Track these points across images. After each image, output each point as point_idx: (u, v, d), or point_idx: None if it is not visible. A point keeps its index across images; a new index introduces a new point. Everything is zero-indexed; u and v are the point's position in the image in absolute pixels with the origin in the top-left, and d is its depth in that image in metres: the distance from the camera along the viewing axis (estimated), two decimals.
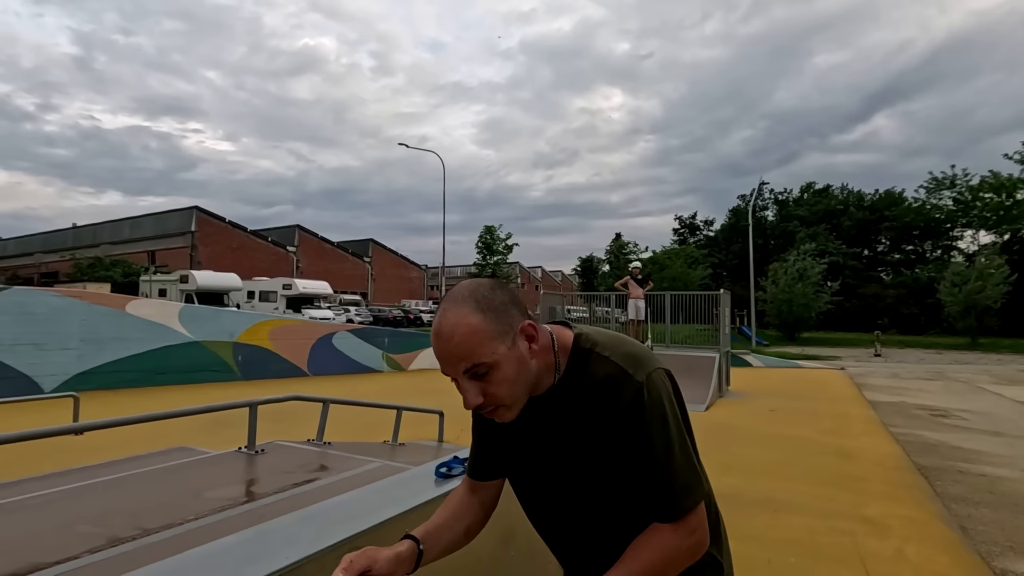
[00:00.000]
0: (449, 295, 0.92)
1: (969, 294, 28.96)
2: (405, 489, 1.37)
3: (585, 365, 0.96)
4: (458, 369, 0.88)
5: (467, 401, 0.90)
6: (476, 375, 0.89)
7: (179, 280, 26.28)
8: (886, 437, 7.14)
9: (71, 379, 9.41)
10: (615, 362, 0.94)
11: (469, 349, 0.87)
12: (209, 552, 1.02)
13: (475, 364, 0.87)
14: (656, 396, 0.92)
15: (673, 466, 0.92)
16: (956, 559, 3.47)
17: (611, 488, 0.97)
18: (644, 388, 0.91)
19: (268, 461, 2.72)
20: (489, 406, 0.92)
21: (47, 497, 2.12)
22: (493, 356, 0.88)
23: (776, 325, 33.89)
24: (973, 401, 10.36)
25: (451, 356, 0.88)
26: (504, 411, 0.93)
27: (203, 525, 1.77)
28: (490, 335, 0.88)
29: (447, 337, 0.87)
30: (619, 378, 0.92)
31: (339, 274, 45.64)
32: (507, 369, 0.89)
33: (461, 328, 0.87)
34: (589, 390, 0.94)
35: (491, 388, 0.90)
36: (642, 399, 0.91)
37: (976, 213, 38.42)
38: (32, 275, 42.34)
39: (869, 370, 16.88)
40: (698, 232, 54.61)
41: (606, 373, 0.94)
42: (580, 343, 0.98)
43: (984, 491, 4.86)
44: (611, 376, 0.93)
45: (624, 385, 0.92)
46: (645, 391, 0.91)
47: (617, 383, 0.92)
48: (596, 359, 0.96)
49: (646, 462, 0.92)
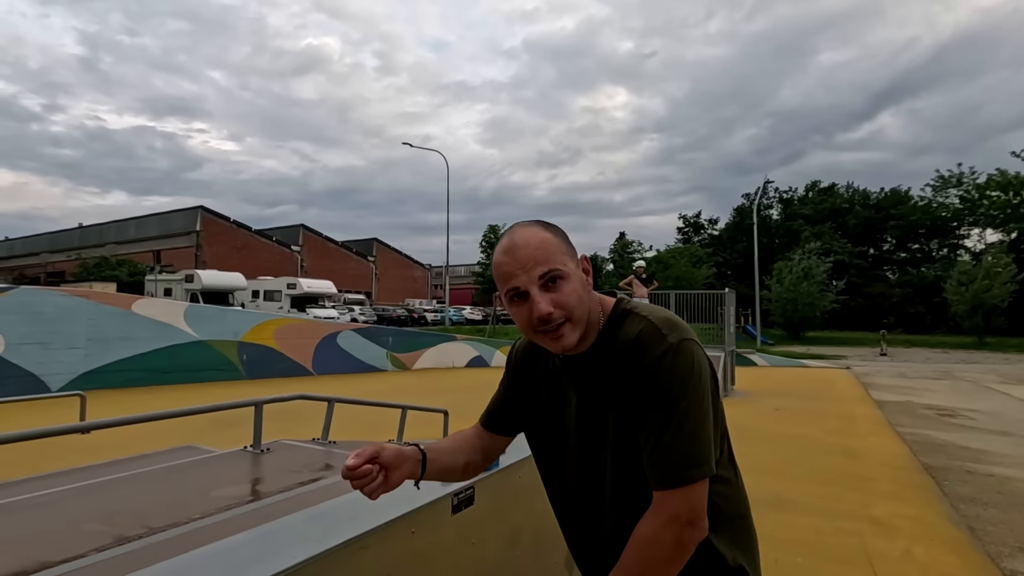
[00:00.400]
0: (516, 223, 0.98)
1: (976, 293, 28.80)
2: (412, 488, 1.37)
3: (621, 324, 0.97)
4: (533, 275, 0.91)
5: (539, 309, 0.91)
6: (550, 282, 0.91)
7: (184, 280, 26.38)
8: (893, 437, 7.10)
9: (78, 378, 9.47)
10: (651, 320, 0.94)
11: (546, 255, 0.92)
12: (216, 551, 1.01)
13: (552, 269, 0.91)
14: (684, 362, 0.90)
15: (679, 433, 0.88)
16: (965, 560, 3.44)
17: (633, 456, 0.93)
18: (673, 350, 0.90)
19: (274, 460, 2.72)
20: (558, 318, 0.92)
21: (54, 496, 2.13)
22: (566, 267, 0.93)
23: (781, 324, 33.76)
24: (980, 401, 10.29)
25: (529, 260, 0.91)
26: (569, 328, 0.93)
27: (209, 524, 1.77)
28: (562, 250, 0.94)
29: (524, 244, 0.92)
30: (650, 336, 0.92)
31: (343, 273, 45.75)
32: (575, 283, 0.93)
33: (537, 238, 0.93)
34: (620, 347, 0.94)
35: (563, 298, 0.91)
36: (668, 360, 0.89)
37: (983, 211, 38.15)
38: (38, 275, 42.63)
39: (875, 369, 16.80)
40: (702, 231, 54.42)
41: (640, 330, 0.93)
42: (620, 305, 1.01)
43: (992, 491, 4.83)
44: (642, 333, 0.93)
45: (654, 343, 0.91)
46: (673, 353, 0.90)
47: (647, 340, 0.92)
48: (632, 318, 0.97)
49: (653, 423, 0.90)
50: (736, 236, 48.44)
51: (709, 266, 40.81)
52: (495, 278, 0.98)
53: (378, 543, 1.14)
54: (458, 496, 1.40)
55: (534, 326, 0.93)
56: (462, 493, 1.41)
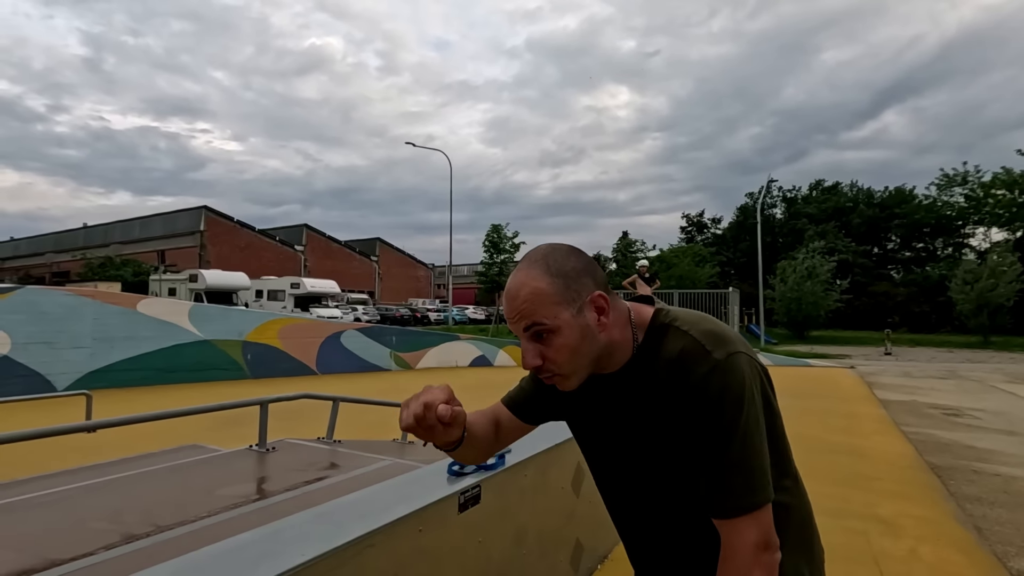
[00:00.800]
0: (526, 256, 0.92)
1: (981, 292, 28.65)
2: (418, 487, 1.37)
3: (661, 340, 0.92)
4: (519, 327, 0.89)
5: (525, 361, 0.89)
6: (537, 336, 0.88)
7: (188, 279, 26.48)
8: (898, 436, 7.07)
9: (83, 377, 9.51)
10: (693, 336, 0.88)
11: (531, 309, 0.87)
12: (224, 550, 1.01)
13: (534, 323, 0.87)
14: (734, 380, 0.85)
15: (737, 459, 0.84)
16: (971, 559, 3.43)
17: (678, 474, 0.91)
18: (720, 368, 0.85)
19: (279, 459, 2.72)
20: (547, 371, 0.90)
21: (62, 494, 2.14)
22: (555, 320, 0.87)
23: (785, 323, 33.67)
24: (986, 400, 10.24)
25: (515, 313, 0.88)
26: (561, 379, 0.91)
27: (216, 522, 1.77)
28: (555, 300, 0.87)
29: (513, 296, 0.89)
30: (694, 354, 0.87)
31: (346, 273, 45.84)
32: (568, 336, 0.87)
33: (527, 288, 0.87)
34: (662, 366, 0.89)
35: (550, 352, 0.88)
36: (715, 379, 0.84)
37: (988, 210, 37.95)
38: (44, 275, 42.84)
39: (880, 369, 16.74)
40: (706, 230, 54.29)
41: (682, 348, 0.88)
42: (658, 318, 0.94)
43: (999, 491, 4.80)
44: (686, 352, 0.87)
45: (698, 362, 0.86)
46: (721, 371, 0.85)
47: (691, 359, 0.86)
48: (673, 333, 0.91)
49: (706, 449, 0.85)
50: (739, 235, 48.31)
51: (712, 265, 40.72)
52: None
53: (385, 541, 1.14)
54: (464, 495, 1.40)
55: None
56: (468, 492, 1.41)
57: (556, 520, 1.98)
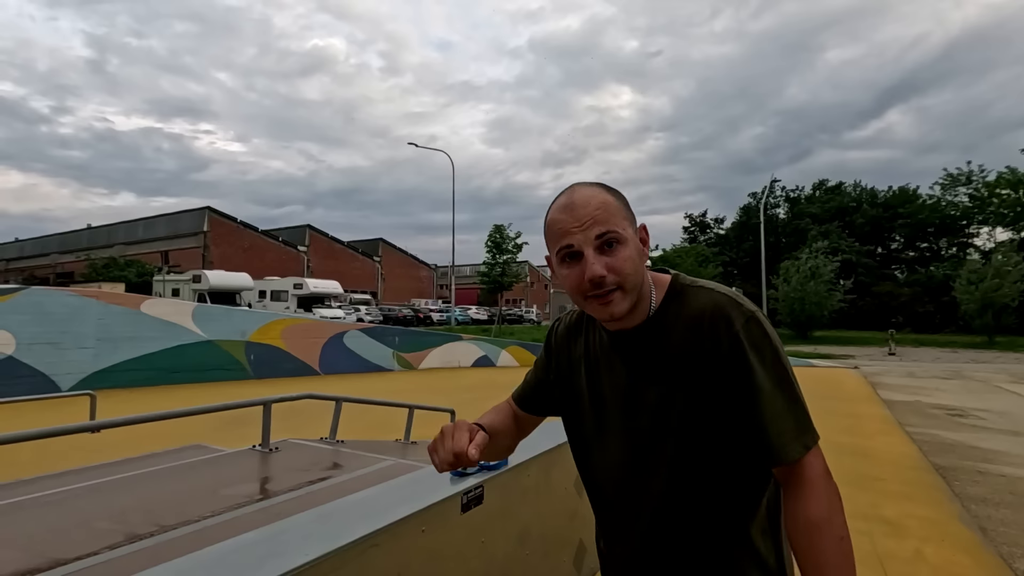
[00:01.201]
0: (578, 182, 0.93)
1: (986, 292, 28.53)
2: (421, 487, 1.37)
3: (684, 298, 0.92)
4: (590, 234, 0.87)
5: (593, 270, 0.86)
6: (606, 245, 0.87)
7: (192, 280, 26.54)
8: (902, 436, 7.04)
9: (88, 377, 9.54)
10: (721, 292, 0.90)
11: (607, 216, 0.87)
12: (227, 549, 1.02)
13: (610, 231, 0.87)
14: (771, 329, 0.88)
15: (792, 399, 0.86)
16: (976, 560, 3.41)
17: (708, 434, 0.89)
18: (756, 318, 0.87)
19: (282, 459, 2.73)
20: (611, 283, 0.87)
21: (66, 494, 2.15)
22: (625, 232, 0.88)
23: (788, 324, 33.57)
24: (991, 400, 10.20)
25: (587, 219, 0.87)
26: (621, 295, 0.88)
27: (219, 522, 1.78)
28: (623, 215, 0.90)
29: (583, 203, 0.88)
30: (729, 307, 0.88)
31: (349, 273, 45.89)
32: (632, 250, 0.88)
33: (599, 198, 0.89)
34: (692, 320, 0.89)
35: (617, 263, 0.87)
36: (754, 328, 0.86)
37: (993, 210, 37.82)
38: (48, 275, 43.02)
39: (884, 369, 16.68)
40: (709, 230, 54.23)
41: (713, 301, 0.89)
42: (679, 279, 0.96)
43: (1004, 492, 4.78)
44: (719, 304, 0.88)
45: (735, 311, 0.87)
46: (757, 321, 0.86)
47: (727, 310, 0.87)
48: (698, 291, 0.92)
49: (757, 393, 0.84)
50: (742, 235, 48.23)
51: (715, 265, 40.70)
52: (547, 237, 0.93)
53: (388, 541, 1.14)
54: (467, 495, 1.40)
55: (584, 290, 0.88)
56: (471, 492, 1.41)
57: (559, 520, 1.97)
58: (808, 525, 0.82)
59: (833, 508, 0.83)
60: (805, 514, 0.83)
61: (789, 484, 0.86)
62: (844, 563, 0.81)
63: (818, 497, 0.83)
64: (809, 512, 0.82)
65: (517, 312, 43.08)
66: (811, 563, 0.82)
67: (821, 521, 0.82)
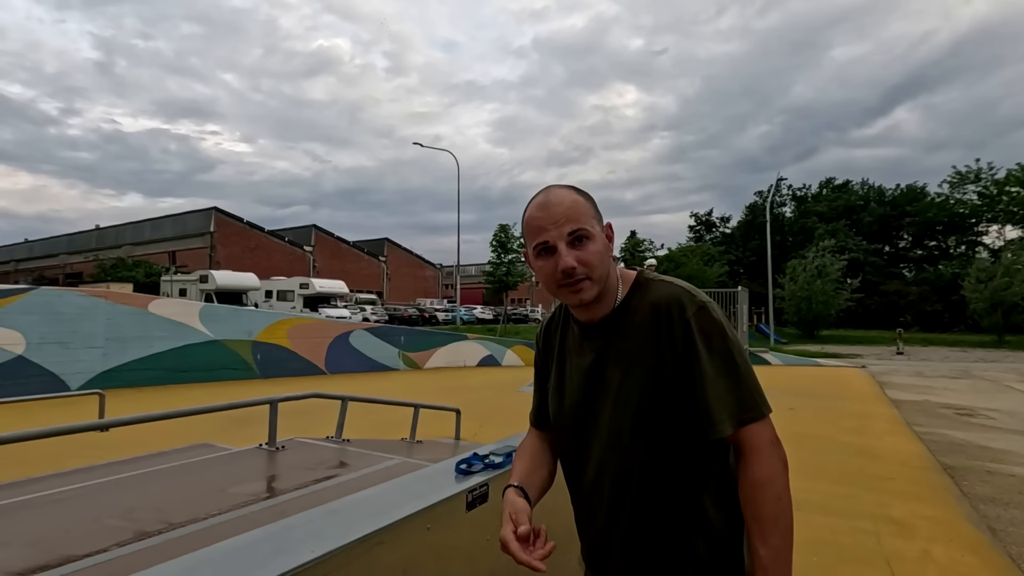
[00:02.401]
0: (550, 185, 1.06)
1: (995, 291, 28.27)
2: (427, 485, 1.38)
3: (646, 290, 1.04)
4: (563, 231, 0.99)
5: (564, 262, 0.98)
6: (577, 240, 0.99)
7: (199, 280, 26.70)
8: (910, 436, 7.00)
9: (96, 377, 9.62)
10: (679, 285, 1.02)
11: (577, 215, 1.00)
12: (236, 546, 1.03)
13: (580, 228, 0.99)
14: (720, 317, 0.98)
15: (743, 374, 0.96)
16: (985, 561, 3.39)
17: (662, 411, 0.98)
18: (706, 308, 0.98)
19: (289, 457, 2.74)
20: (580, 273, 0.99)
21: (76, 492, 2.17)
22: (593, 229, 1.01)
23: (795, 323, 33.40)
24: (1000, 400, 10.11)
25: (561, 217, 0.99)
26: (589, 284, 1.00)
27: (227, 520, 1.79)
28: (591, 214, 1.02)
29: (557, 203, 1.01)
30: (683, 297, 0.99)
31: (355, 273, 46.04)
32: (599, 244, 1.01)
33: (570, 199, 1.02)
34: (648, 308, 1.00)
35: (586, 256, 0.99)
36: (704, 315, 0.97)
37: (1002, 208, 37.46)
38: (57, 276, 43.38)
39: (891, 368, 16.57)
40: (714, 229, 54.01)
41: (670, 292, 1.01)
42: (643, 274, 1.08)
43: (1014, 492, 4.74)
44: (675, 294, 1.00)
45: (687, 302, 0.98)
46: (707, 311, 0.97)
47: (681, 300, 0.98)
48: (658, 284, 1.04)
49: (710, 368, 0.94)
50: (749, 234, 48.01)
51: (721, 264, 40.44)
52: (524, 233, 1.06)
53: (394, 539, 1.14)
54: (472, 493, 1.40)
55: (557, 280, 1.00)
56: (476, 491, 1.42)
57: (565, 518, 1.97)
58: (751, 484, 0.94)
59: (775, 471, 0.94)
60: (750, 475, 0.94)
61: (740, 452, 0.97)
62: (779, 519, 0.92)
63: (762, 462, 0.94)
64: (753, 473, 0.94)
65: (522, 311, 43.05)
66: (751, 516, 0.94)
67: (763, 481, 0.93)
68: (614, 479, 1.03)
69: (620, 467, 1.02)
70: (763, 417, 0.96)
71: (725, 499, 1.00)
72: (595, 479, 1.07)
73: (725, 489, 1.01)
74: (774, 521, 0.92)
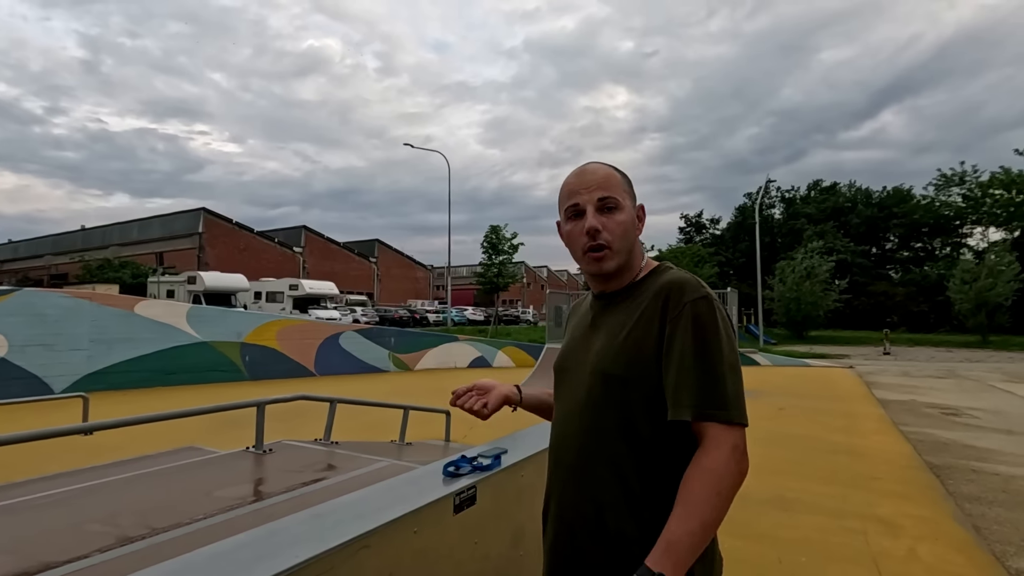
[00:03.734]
0: (588, 162, 1.13)
1: (980, 291, 28.70)
2: (414, 488, 1.36)
3: (660, 274, 1.09)
4: (594, 196, 1.06)
5: (590, 224, 1.05)
6: (605, 208, 1.06)
7: (187, 281, 26.44)
8: (897, 436, 7.07)
9: (81, 379, 9.49)
10: (689, 275, 1.05)
11: (610, 184, 1.07)
12: (219, 551, 1.01)
13: (610, 195, 1.06)
14: (721, 313, 0.99)
15: (730, 372, 0.96)
16: (970, 559, 3.43)
17: (632, 385, 1.00)
18: (709, 299, 0.99)
19: (276, 460, 2.72)
20: (603, 240, 1.05)
21: (57, 496, 2.13)
22: (623, 201, 1.07)
23: (784, 323, 33.69)
24: (985, 399, 10.25)
25: (594, 183, 1.07)
26: (610, 254, 1.06)
27: (212, 524, 1.77)
28: (624, 188, 1.09)
29: (594, 171, 1.09)
30: (690, 284, 1.01)
31: (345, 274, 45.81)
32: (626, 216, 1.07)
33: (604, 171, 1.09)
34: (659, 287, 1.04)
35: (611, 224, 1.05)
36: (707, 304, 0.98)
37: (986, 210, 38.05)
38: (42, 277, 42.78)
39: (879, 368, 16.75)
40: (704, 231, 54.32)
41: (679, 276, 1.04)
42: (665, 264, 1.13)
43: (998, 490, 4.81)
44: (683, 279, 1.03)
45: (692, 290, 1.00)
46: (710, 302, 0.99)
47: (687, 287, 1.01)
48: (672, 271, 1.08)
49: (701, 355, 0.95)
50: (738, 235, 48.33)
51: (711, 266, 40.70)
52: (559, 198, 1.12)
53: (380, 542, 1.13)
54: (460, 496, 1.39)
55: (583, 245, 1.07)
56: (464, 493, 1.41)
57: None
58: (698, 469, 0.92)
59: (727, 471, 0.91)
60: (700, 462, 0.92)
61: (700, 446, 0.95)
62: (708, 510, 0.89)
63: (718, 456, 0.91)
64: (703, 462, 0.92)
65: (513, 313, 43.07)
66: (681, 497, 0.91)
67: (710, 471, 0.91)
68: (574, 441, 1.07)
69: (579, 430, 1.06)
70: (730, 421, 0.93)
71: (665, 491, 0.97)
72: (559, 441, 1.13)
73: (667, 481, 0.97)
74: (702, 508, 0.89)
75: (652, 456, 0.99)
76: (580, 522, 1.04)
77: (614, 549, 0.99)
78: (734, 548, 0.96)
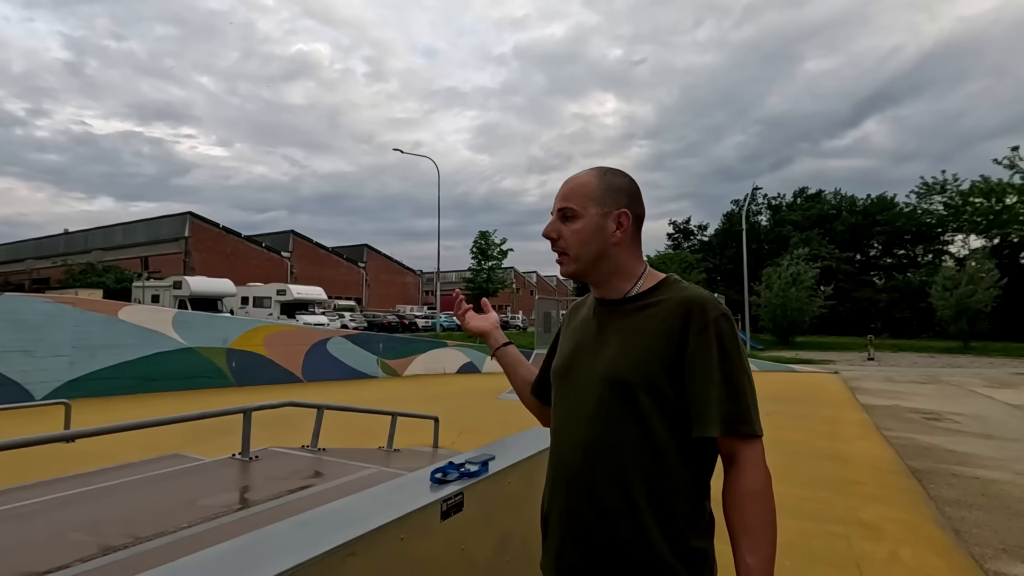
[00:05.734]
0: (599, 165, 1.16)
1: (960, 298, 29.22)
2: (401, 495, 1.37)
3: (673, 288, 1.08)
4: (557, 205, 1.12)
5: (545, 230, 1.13)
6: (564, 217, 1.10)
7: (172, 286, 26.08)
8: (880, 441, 7.17)
9: (63, 386, 9.33)
10: (704, 293, 1.05)
11: (570, 194, 1.10)
12: (202, 560, 1.01)
13: (567, 206, 1.10)
14: (736, 329, 1.02)
15: (751, 387, 0.99)
16: (950, 562, 3.48)
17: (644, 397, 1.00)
18: (729, 318, 1.01)
19: (262, 468, 2.70)
20: (560, 247, 1.11)
21: (38, 505, 2.10)
22: (582, 210, 1.08)
23: (770, 329, 34.01)
24: (966, 404, 10.43)
25: (562, 193, 1.12)
26: (567, 259, 1.11)
27: (196, 533, 1.76)
28: (592, 196, 1.09)
29: (569, 180, 1.13)
30: (707, 301, 1.02)
31: (334, 280, 45.48)
32: (586, 225, 1.08)
33: (579, 179, 1.11)
34: (681, 302, 1.03)
35: (566, 231, 1.10)
36: (726, 324, 1.00)
37: (967, 218, 38.79)
38: (23, 281, 41.98)
39: (863, 374, 16.96)
40: (692, 237, 54.80)
41: (697, 294, 1.04)
42: (671, 277, 1.13)
43: (977, 494, 4.89)
44: (702, 297, 1.03)
45: (711, 307, 1.01)
46: (730, 321, 1.01)
47: (705, 303, 1.01)
48: (685, 287, 1.08)
49: (726, 372, 0.97)
50: (726, 242, 48.81)
51: (699, 272, 41.07)
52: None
53: (367, 549, 1.13)
54: (447, 503, 1.40)
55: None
56: (451, 500, 1.42)
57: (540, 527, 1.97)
58: (744, 495, 0.96)
59: (767, 485, 0.97)
60: (743, 486, 0.96)
61: (729, 464, 1.00)
62: (769, 531, 0.95)
63: (756, 475, 0.96)
64: (747, 485, 0.96)
65: (503, 318, 43.06)
66: (740, 526, 0.95)
67: (757, 493, 0.96)
68: (581, 447, 1.06)
69: (588, 437, 1.05)
70: (754, 435, 0.97)
71: (704, 523, 1.03)
72: (563, 448, 1.11)
73: (703, 512, 1.03)
74: (765, 532, 0.94)
75: (664, 465, 1.00)
76: (588, 531, 1.03)
77: (625, 559, 1.00)
78: (719, 552, 0.99)
